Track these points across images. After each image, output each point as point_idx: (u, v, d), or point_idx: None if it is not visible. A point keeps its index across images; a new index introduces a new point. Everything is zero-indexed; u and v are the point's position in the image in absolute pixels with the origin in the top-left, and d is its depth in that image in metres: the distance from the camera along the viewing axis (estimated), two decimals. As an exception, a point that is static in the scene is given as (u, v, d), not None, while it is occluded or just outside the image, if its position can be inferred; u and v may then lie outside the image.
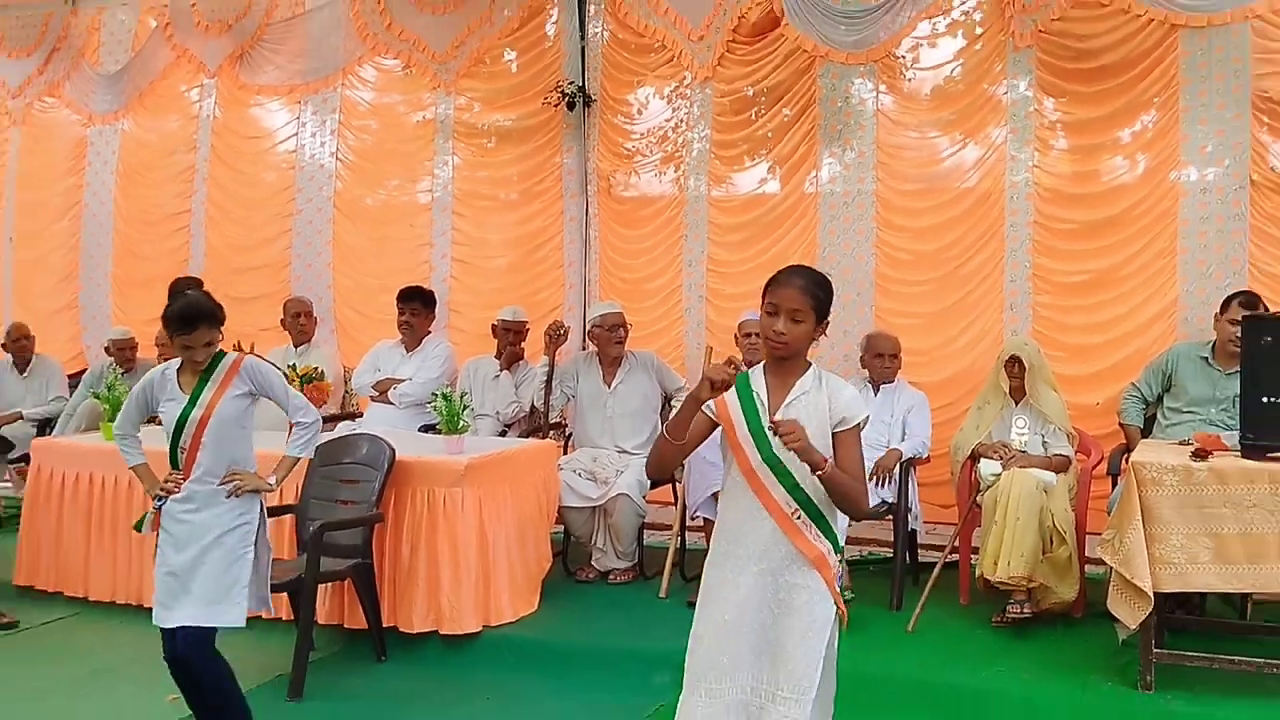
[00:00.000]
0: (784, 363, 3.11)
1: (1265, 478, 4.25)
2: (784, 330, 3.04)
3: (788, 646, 2.99)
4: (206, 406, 4.01)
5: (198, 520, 4.00)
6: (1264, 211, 6.21)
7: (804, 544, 3.02)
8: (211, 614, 3.96)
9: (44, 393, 8.10)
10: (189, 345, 3.99)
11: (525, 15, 7.84)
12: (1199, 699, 4.34)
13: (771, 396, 3.08)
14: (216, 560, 3.99)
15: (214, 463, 4.02)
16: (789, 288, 3.09)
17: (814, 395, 3.06)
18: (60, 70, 9.11)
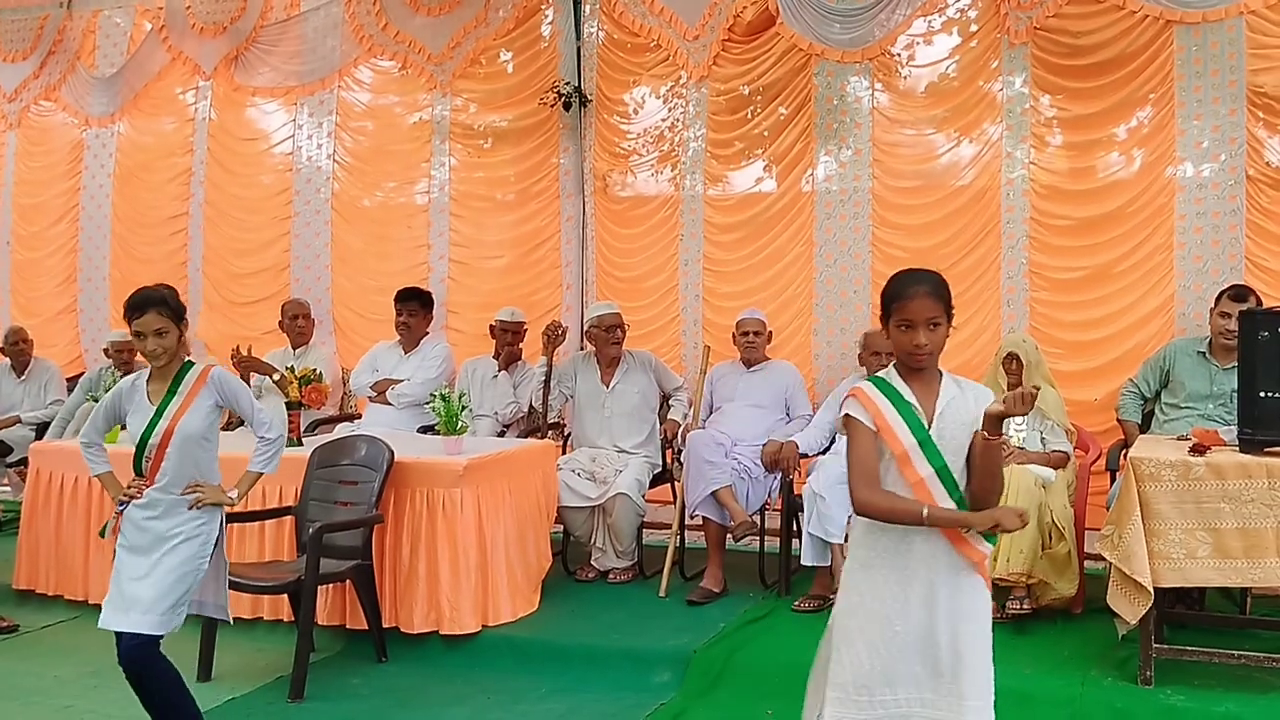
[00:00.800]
0: (924, 370, 3.02)
1: (1263, 472, 4.26)
2: (925, 341, 2.95)
3: (967, 654, 2.92)
4: (171, 419, 3.99)
5: (157, 528, 3.99)
6: (1260, 206, 6.22)
7: (970, 550, 2.93)
8: (157, 622, 3.94)
9: (42, 396, 8.10)
10: (140, 332, 3.98)
11: (520, 16, 7.85)
12: (1199, 693, 4.35)
13: (922, 403, 2.98)
14: (169, 568, 3.97)
15: (177, 473, 4.00)
16: (918, 298, 2.99)
17: (960, 400, 2.98)
18: (56, 73, 9.11)
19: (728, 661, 4.86)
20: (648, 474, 6.30)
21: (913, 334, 2.96)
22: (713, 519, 5.85)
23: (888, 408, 2.98)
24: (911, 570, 2.94)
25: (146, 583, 3.95)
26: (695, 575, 5.98)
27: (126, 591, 3.96)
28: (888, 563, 2.97)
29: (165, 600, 3.94)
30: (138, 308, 3.98)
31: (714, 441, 5.93)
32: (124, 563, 4.02)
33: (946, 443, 2.93)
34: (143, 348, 4.02)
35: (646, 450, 6.42)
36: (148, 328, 3.97)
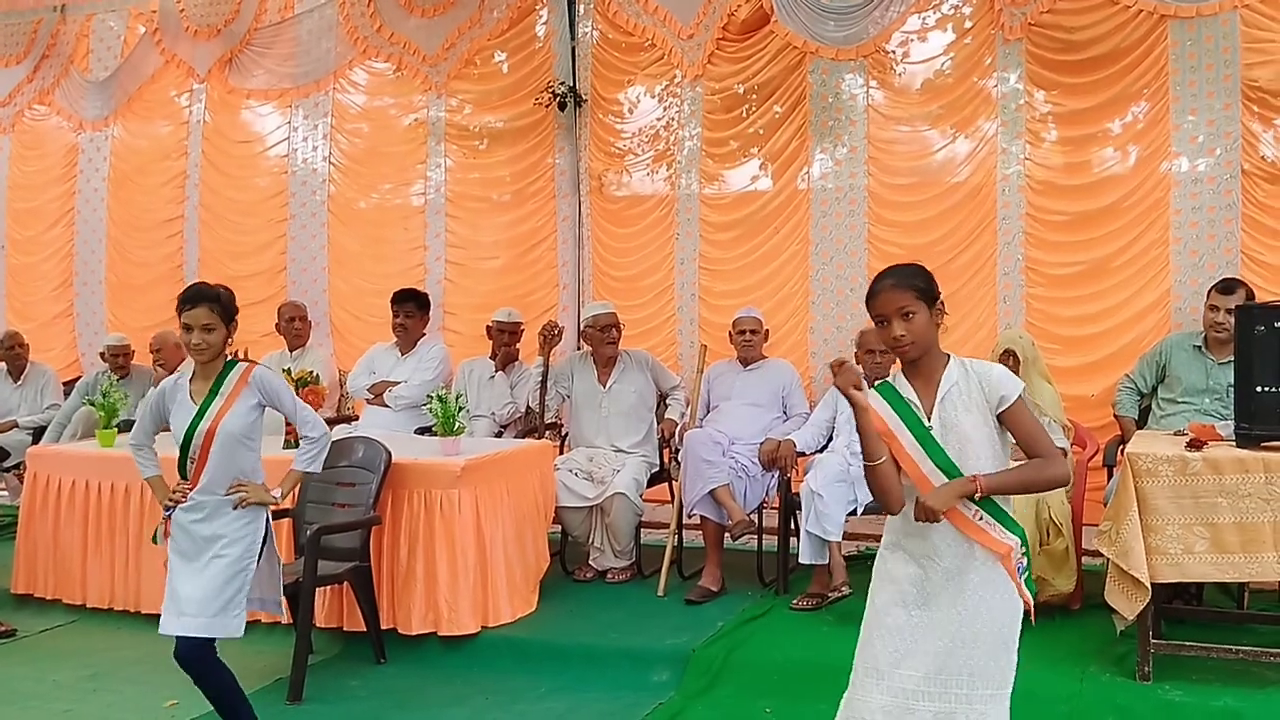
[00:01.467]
0: (921, 362, 3.00)
1: (1260, 467, 4.26)
2: (902, 332, 2.93)
3: (981, 645, 2.92)
4: (214, 418, 3.99)
5: (204, 531, 4.00)
6: (1255, 200, 6.23)
7: (991, 542, 2.92)
8: (210, 625, 3.96)
9: (38, 400, 8.10)
10: (188, 325, 3.98)
11: (515, 16, 7.85)
12: (1197, 688, 4.35)
13: (922, 398, 2.98)
14: (219, 571, 3.99)
15: (221, 473, 4.01)
16: (883, 292, 2.98)
17: (964, 385, 2.96)
18: (50, 77, 9.10)
19: (726, 660, 4.86)
20: (645, 473, 6.30)
21: (887, 328, 2.97)
22: (710, 518, 5.85)
23: (888, 413, 2.99)
24: (932, 558, 2.96)
25: (196, 586, 3.97)
26: (693, 574, 5.98)
27: (179, 595, 3.98)
28: (910, 548, 3.00)
29: (214, 603, 3.96)
30: (190, 300, 3.99)
31: (711, 440, 5.93)
32: (175, 567, 4.04)
33: (949, 432, 2.93)
34: (187, 340, 4.01)
35: (644, 450, 6.41)
36: (196, 321, 3.98)
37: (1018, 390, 2.96)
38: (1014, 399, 2.94)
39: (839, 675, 3.19)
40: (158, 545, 4.24)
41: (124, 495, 5.82)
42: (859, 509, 5.55)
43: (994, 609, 2.93)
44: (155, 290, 8.90)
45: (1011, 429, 2.97)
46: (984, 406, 2.94)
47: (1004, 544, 2.93)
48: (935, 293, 3.00)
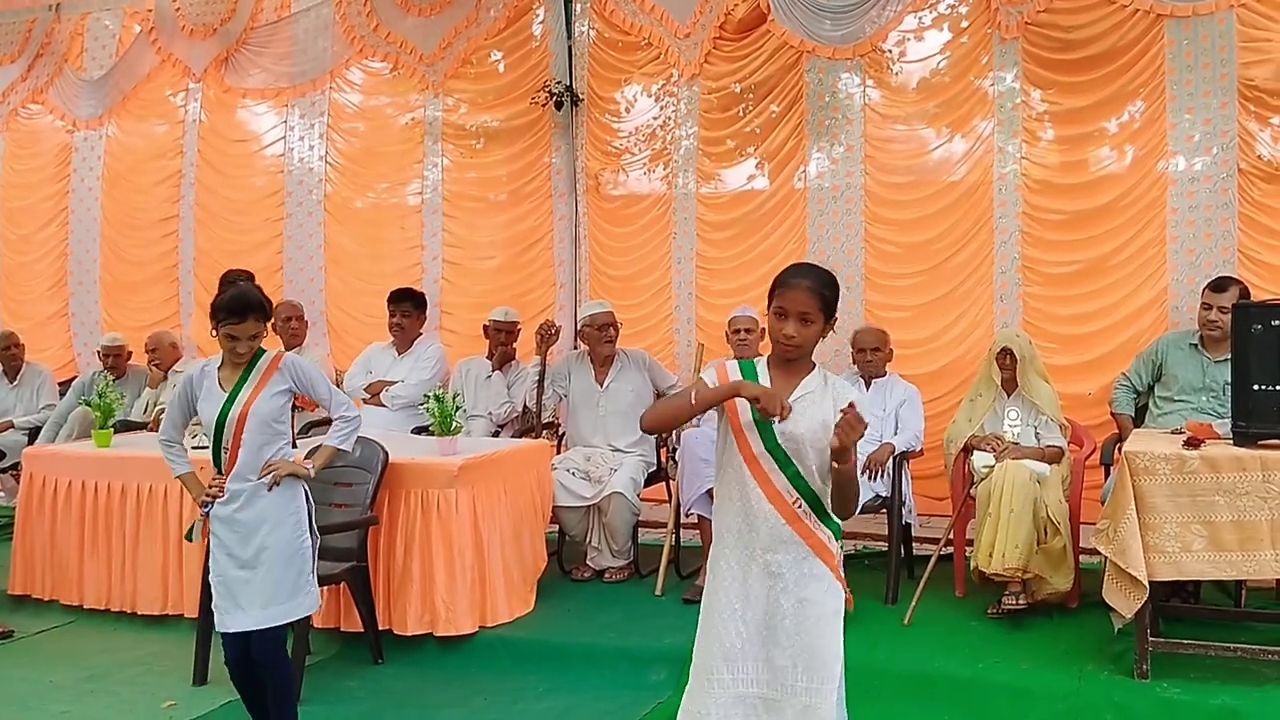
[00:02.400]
0: (791, 361, 3.10)
1: (1257, 465, 4.27)
2: (794, 334, 3.02)
3: (803, 636, 3.00)
4: (245, 403, 3.97)
5: (246, 519, 3.97)
6: (1252, 199, 6.23)
7: (805, 532, 3.03)
8: (284, 611, 3.98)
9: (34, 401, 8.08)
10: (235, 336, 3.96)
11: (511, 16, 7.84)
12: (1195, 686, 4.35)
13: (778, 390, 3.04)
14: (275, 555, 3.97)
15: (254, 460, 3.98)
16: (797, 290, 3.04)
17: (819, 395, 3.06)
18: (43, 76, 9.09)
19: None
20: (642, 473, 6.29)
21: (783, 323, 3.05)
22: (708, 517, 5.83)
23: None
24: (752, 552, 3.06)
25: (257, 575, 3.95)
26: (691, 573, 5.98)
27: (238, 592, 3.95)
28: (733, 543, 3.11)
29: (284, 586, 3.97)
30: (237, 313, 3.96)
31: (708, 439, 5.90)
32: (224, 564, 3.99)
33: (786, 432, 3.00)
34: (231, 348, 3.99)
35: (641, 449, 6.41)
36: (245, 334, 3.98)
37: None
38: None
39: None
40: (193, 543, 4.22)
41: (120, 495, 5.80)
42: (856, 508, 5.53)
43: (816, 600, 3.01)
44: (150, 290, 8.90)
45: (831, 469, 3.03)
46: (829, 420, 2.99)
47: (817, 535, 3.03)
48: (835, 309, 3.11)
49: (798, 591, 3.01)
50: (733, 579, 3.08)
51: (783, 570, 3.03)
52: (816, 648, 3.00)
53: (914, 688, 4.55)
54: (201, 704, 4.72)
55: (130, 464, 5.84)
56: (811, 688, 2.98)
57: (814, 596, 3.02)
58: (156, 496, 5.69)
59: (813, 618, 3.01)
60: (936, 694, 4.53)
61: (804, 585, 3.02)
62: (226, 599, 3.97)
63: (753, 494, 3.05)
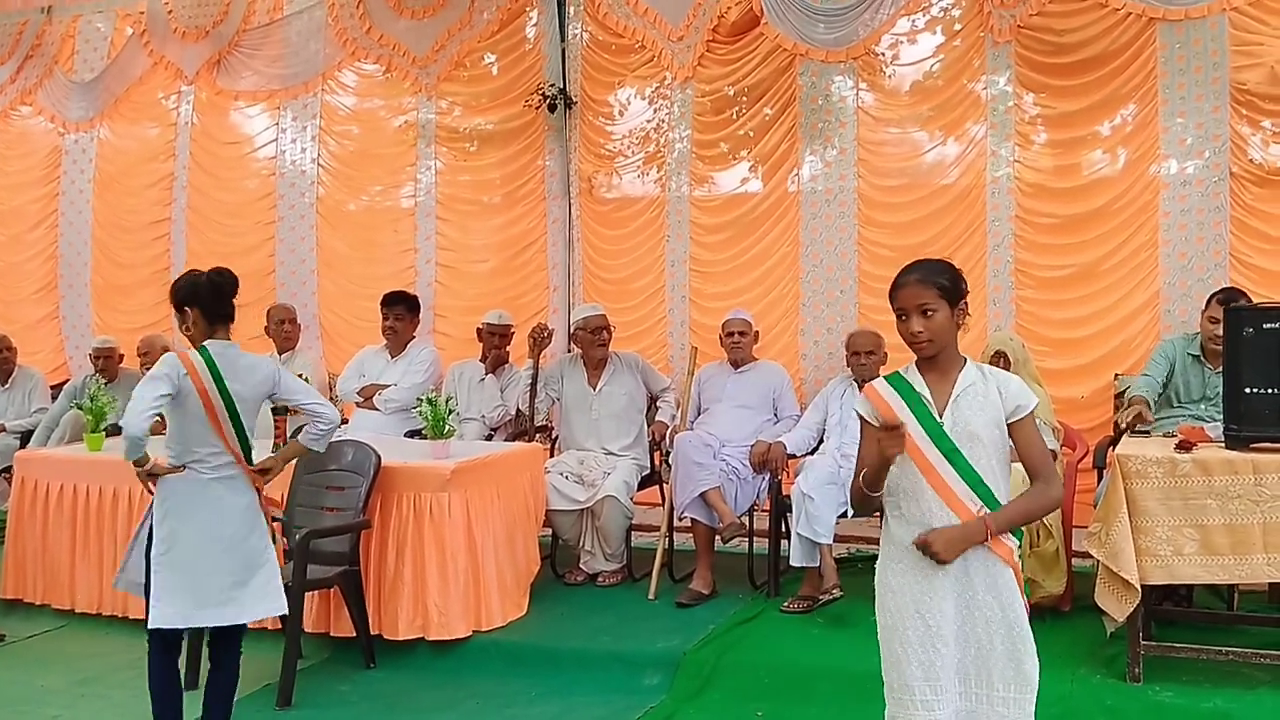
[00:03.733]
0: (937, 360, 2.97)
1: (1249, 468, 4.27)
2: (921, 329, 2.91)
3: (1000, 647, 2.89)
4: None
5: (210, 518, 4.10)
6: (1244, 203, 6.25)
7: (994, 541, 2.89)
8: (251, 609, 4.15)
9: (26, 404, 8.04)
10: None
11: (505, 18, 7.85)
12: (1187, 690, 4.36)
13: (935, 393, 2.96)
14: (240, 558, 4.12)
15: None
16: (907, 286, 2.95)
17: (981, 387, 2.94)
18: (33, 78, 9.06)
19: (717, 663, 4.85)
20: (636, 476, 6.29)
21: (907, 323, 2.94)
22: (701, 520, 5.84)
23: (896, 400, 2.97)
24: (938, 570, 2.91)
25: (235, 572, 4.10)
26: (684, 577, 5.97)
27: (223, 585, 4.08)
28: (911, 556, 2.95)
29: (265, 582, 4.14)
30: None
31: (702, 443, 5.92)
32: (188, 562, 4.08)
33: (960, 429, 2.91)
34: None
35: (634, 452, 6.41)
36: None
37: (1033, 405, 2.96)
38: (1028, 411, 2.94)
39: (830, 678, 3.21)
40: None
41: (112, 499, 5.78)
42: (850, 511, 5.54)
43: (1009, 609, 2.91)
44: (142, 293, 8.88)
45: (1017, 442, 2.96)
46: (999, 413, 2.92)
47: (1005, 544, 2.91)
48: (960, 292, 2.97)
49: (993, 603, 2.90)
50: (914, 595, 2.94)
51: (973, 580, 2.90)
52: (1016, 657, 2.90)
53: (907, 691, 4.54)
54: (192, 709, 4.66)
55: (122, 468, 5.70)
56: (1010, 698, 2.89)
57: (1007, 606, 2.90)
58: (148, 501, 5.65)
59: (1008, 627, 2.90)
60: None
61: (996, 594, 2.89)
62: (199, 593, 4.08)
63: (934, 507, 2.92)
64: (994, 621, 2.90)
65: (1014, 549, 2.94)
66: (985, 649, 2.90)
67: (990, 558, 2.91)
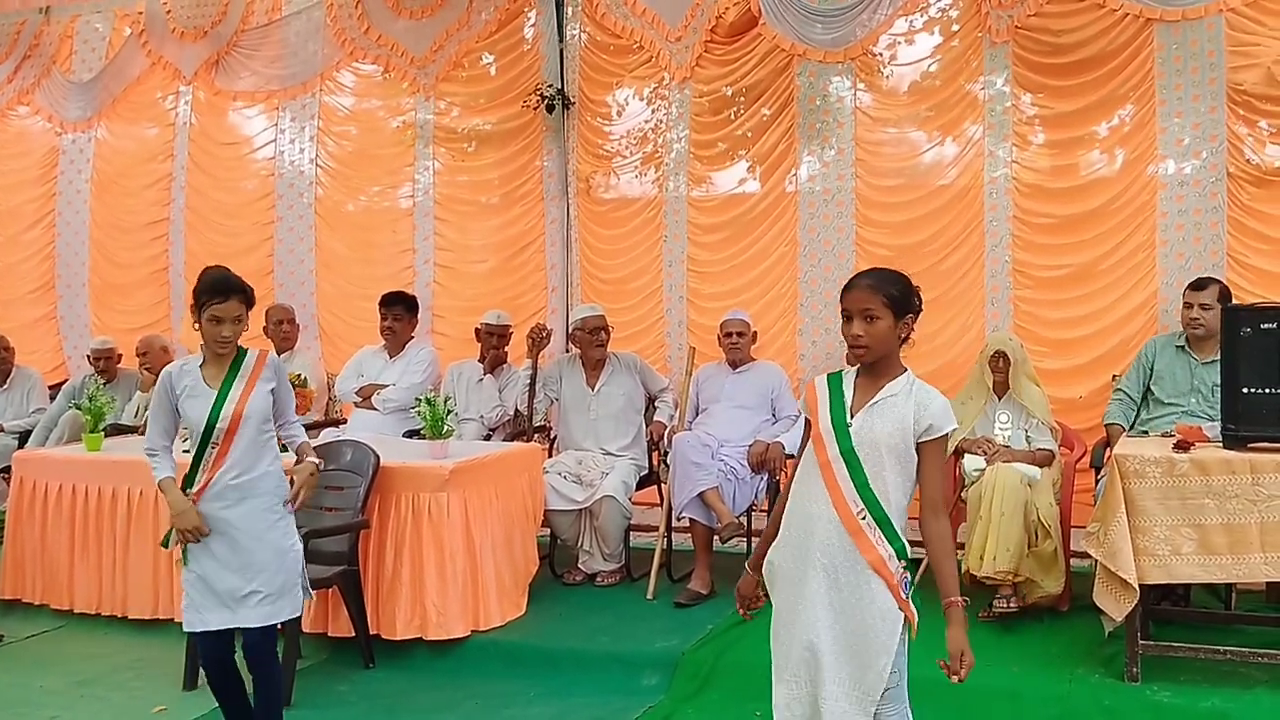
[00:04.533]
0: (874, 366, 3.04)
1: (1246, 468, 4.28)
2: (860, 333, 2.98)
3: (851, 650, 2.96)
4: (238, 401, 3.91)
5: (235, 517, 3.89)
6: (1240, 203, 6.25)
7: (865, 545, 2.95)
8: (273, 610, 3.93)
9: (24, 404, 8.04)
10: (219, 317, 3.88)
11: (503, 19, 7.84)
12: (1185, 689, 4.37)
13: (858, 395, 3.04)
14: (268, 554, 3.92)
15: (245, 459, 3.90)
16: (856, 289, 3.03)
17: (900, 400, 2.99)
18: (30, 78, 9.04)
19: (716, 663, 4.86)
20: (634, 476, 6.29)
21: (849, 325, 3.02)
22: (700, 520, 5.85)
23: (824, 393, 3.09)
24: (808, 554, 3.01)
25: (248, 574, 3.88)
26: (683, 577, 5.98)
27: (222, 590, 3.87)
28: (793, 542, 3.08)
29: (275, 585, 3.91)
30: (220, 292, 3.90)
31: (700, 443, 5.93)
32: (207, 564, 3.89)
33: (864, 434, 2.98)
34: (216, 333, 3.90)
35: (633, 453, 6.41)
36: (229, 313, 3.89)
37: (946, 428, 3.00)
38: (939, 434, 2.98)
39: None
40: (168, 550, 4.09)
41: (111, 499, 5.79)
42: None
43: (868, 615, 2.96)
44: (139, 293, 8.87)
45: (920, 462, 3.00)
46: (909, 428, 2.97)
47: (877, 551, 2.95)
48: (908, 306, 3.03)
49: (852, 604, 2.96)
50: (795, 580, 3.04)
51: (838, 580, 2.97)
52: (861, 663, 2.95)
53: (905, 691, 4.55)
54: (192, 709, 4.71)
55: (121, 468, 5.82)
56: (854, 700, 2.95)
57: (866, 611, 2.95)
58: (147, 500, 5.68)
59: (862, 632, 2.95)
60: (927, 697, 4.49)
61: (858, 598, 2.95)
62: (208, 597, 3.89)
63: (821, 498, 3.01)
64: (856, 626, 2.96)
65: (887, 558, 2.96)
66: (840, 649, 2.97)
67: (861, 563, 2.95)
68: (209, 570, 3.90)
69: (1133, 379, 5.80)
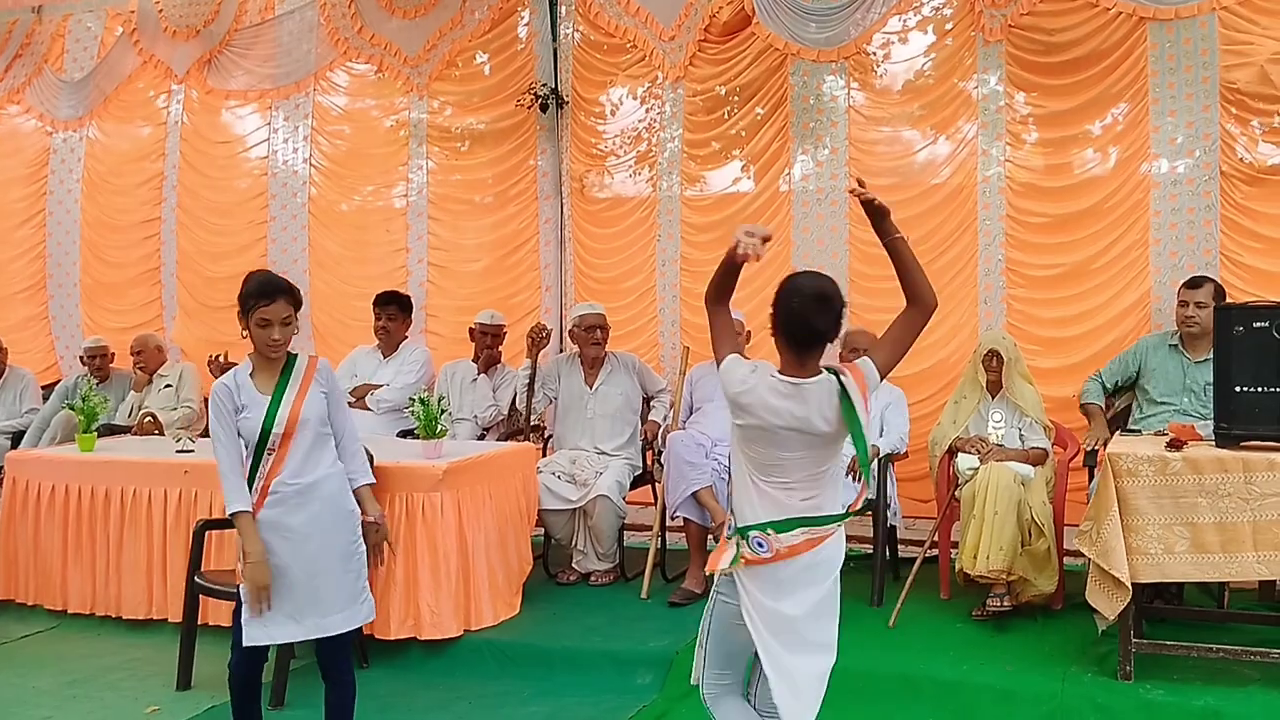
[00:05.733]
0: None
1: (1239, 467, 4.29)
2: None
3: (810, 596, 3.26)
4: (293, 406, 3.82)
5: (297, 524, 3.81)
6: (1234, 202, 6.25)
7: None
8: (346, 618, 3.88)
9: (17, 405, 8.01)
10: (268, 320, 3.78)
11: (496, 17, 7.83)
12: (1178, 688, 4.38)
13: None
14: (332, 561, 3.86)
15: (303, 464, 3.83)
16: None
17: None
18: (21, 76, 9.02)
19: (709, 662, 4.85)
20: (628, 476, 6.29)
21: None
22: (694, 520, 5.85)
23: None
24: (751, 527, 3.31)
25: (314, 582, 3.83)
26: (677, 577, 5.98)
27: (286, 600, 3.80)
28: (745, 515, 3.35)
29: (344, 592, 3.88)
30: (266, 294, 3.78)
31: (694, 442, 5.93)
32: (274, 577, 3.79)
33: None
34: (266, 337, 3.79)
35: (627, 452, 6.42)
36: (277, 316, 3.78)
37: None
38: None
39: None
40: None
41: (104, 500, 5.78)
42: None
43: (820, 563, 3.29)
44: (132, 292, 8.85)
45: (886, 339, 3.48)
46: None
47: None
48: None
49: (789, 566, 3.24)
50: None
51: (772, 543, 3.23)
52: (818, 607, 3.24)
53: (898, 690, 4.56)
54: (185, 709, 4.71)
55: (114, 468, 5.82)
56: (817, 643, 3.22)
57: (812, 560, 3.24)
58: (140, 501, 5.68)
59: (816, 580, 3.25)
60: (921, 696, 4.54)
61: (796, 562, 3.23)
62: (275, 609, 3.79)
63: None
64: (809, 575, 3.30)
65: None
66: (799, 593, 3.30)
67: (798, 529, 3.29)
68: (275, 580, 3.79)
69: (1114, 368, 5.89)
